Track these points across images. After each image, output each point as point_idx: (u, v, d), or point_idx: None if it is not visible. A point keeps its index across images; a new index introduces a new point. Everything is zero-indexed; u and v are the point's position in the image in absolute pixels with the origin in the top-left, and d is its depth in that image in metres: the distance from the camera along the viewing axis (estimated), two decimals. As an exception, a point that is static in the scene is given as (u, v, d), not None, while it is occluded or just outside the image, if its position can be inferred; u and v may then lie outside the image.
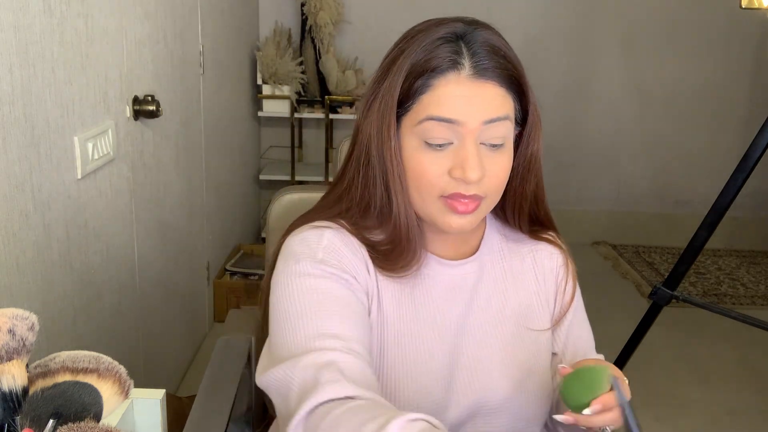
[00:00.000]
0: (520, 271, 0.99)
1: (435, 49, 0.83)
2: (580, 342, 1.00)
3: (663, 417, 2.39)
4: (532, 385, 0.94)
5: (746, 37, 3.74)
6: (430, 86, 0.83)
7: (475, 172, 0.82)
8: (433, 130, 0.83)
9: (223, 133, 2.88)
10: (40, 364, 0.72)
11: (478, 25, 0.87)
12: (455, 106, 0.82)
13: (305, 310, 0.82)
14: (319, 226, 0.90)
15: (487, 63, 0.83)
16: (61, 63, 1.37)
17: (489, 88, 0.83)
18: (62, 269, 1.43)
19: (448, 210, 0.85)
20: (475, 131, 0.82)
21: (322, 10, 3.38)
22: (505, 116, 0.84)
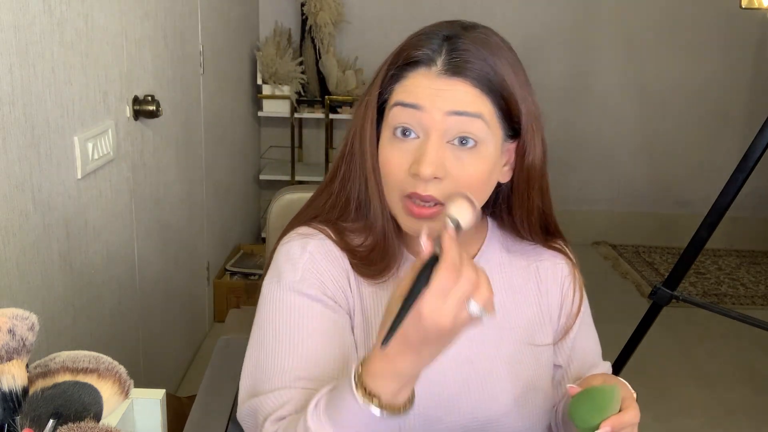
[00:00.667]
0: (520, 285, 0.96)
1: (417, 44, 0.83)
2: (587, 354, 0.98)
3: (663, 417, 2.39)
4: (533, 400, 0.92)
5: (746, 37, 3.74)
6: (402, 77, 0.83)
7: (428, 167, 0.78)
8: (398, 116, 0.82)
9: (223, 133, 2.88)
10: (40, 364, 0.72)
11: (476, 29, 0.85)
12: (421, 94, 0.80)
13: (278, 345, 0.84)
14: (305, 235, 0.90)
15: (461, 63, 0.80)
16: (61, 63, 1.37)
17: (459, 86, 0.80)
18: (62, 269, 1.43)
19: (407, 213, 0.83)
20: (439, 123, 0.79)
21: (322, 10, 3.38)
22: (475, 113, 0.80)
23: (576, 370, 0.97)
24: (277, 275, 0.88)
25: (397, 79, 0.83)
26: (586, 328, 1.00)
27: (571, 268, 0.99)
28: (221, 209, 2.89)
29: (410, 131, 0.81)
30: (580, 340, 0.98)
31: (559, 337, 0.97)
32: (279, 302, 0.86)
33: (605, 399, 0.78)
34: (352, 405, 0.69)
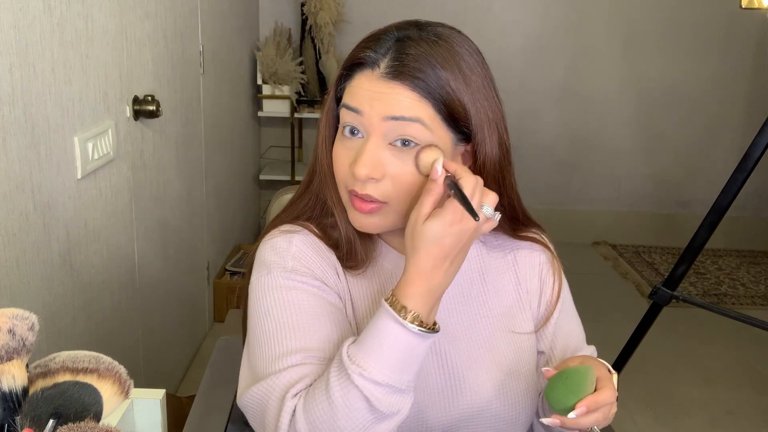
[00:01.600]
0: (498, 274, 0.98)
1: (367, 45, 0.85)
2: (569, 339, 0.99)
3: (663, 417, 2.39)
4: (515, 387, 0.93)
5: (746, 37, 3.74)
6: (350, 77, 0.85)
7: (362, 168, 0.81)
8: (345, 117, 0.85)
9: (223, 133, 2.88)
10: (40, 364, 0.72)
11: (430, 31, 0.85)
12: (361, 98, 0.83)
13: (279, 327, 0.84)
14: (289, 231, 0.91)
15: (401, 68, 0.81)
16: (61, 63, 1.37)
17: (398, 90, 0.81)
18: (62, 269, 1.43)
19: (352, 206, 0.86)
20: (378, 127, 0.81)
21: (322, 10, 3.38)
22: (414, 118, 0.80)
23: (559, 356, 0.98)
24: (266, 268, 0.89)
25: (346, 79, 0.86)
26: (568, 313, 1.01)
27: (549, 254, 1.00)
28: (221, 209, 2.89)
29: (357, 131, 0.84)
30: (562, 326, 0.99)
31: (541, 324, 0.98)
32: (273, 290, 0.87)
33: (579, 380, 0.79)
34: (391, 328, 0.75)
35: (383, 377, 0.74)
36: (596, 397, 0.78)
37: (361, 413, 0.74)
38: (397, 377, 0.75)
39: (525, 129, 3.84)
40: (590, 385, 0.79)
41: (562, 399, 0.78)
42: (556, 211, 3.88)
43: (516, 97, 3.77)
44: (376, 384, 0.74)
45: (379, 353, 0.75)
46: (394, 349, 0.75)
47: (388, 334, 0.75)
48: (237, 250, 3.14)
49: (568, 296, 1.02)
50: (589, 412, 0.77)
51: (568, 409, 0.78)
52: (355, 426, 0.75)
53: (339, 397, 0.74)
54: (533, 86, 3.78)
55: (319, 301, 0.87)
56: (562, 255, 1.04)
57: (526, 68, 3.74)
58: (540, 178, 3.89)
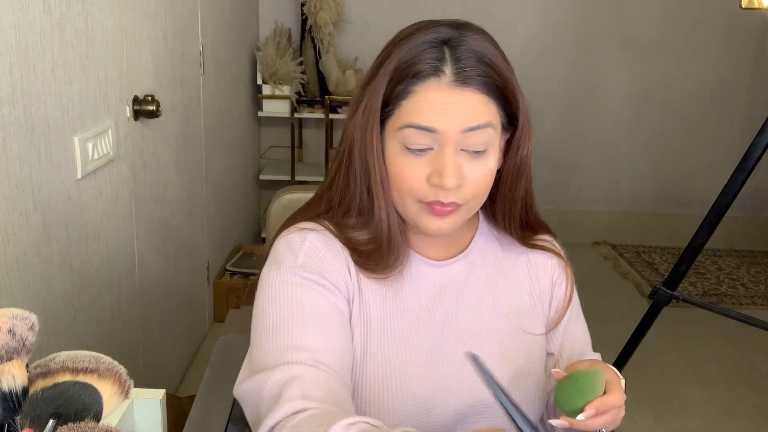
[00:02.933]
0: (512, 271, 0.99)
1: (418, 54, 0.83)
2: (576, 343, 1.00)
3: (663, 417, 2.39)
4: (524, 387, 0.93)
5: (746, 37, 3.74)
6: (410, 92, 0.83)
7: (451, 179, 0.82)
8: (412, 137, 0.83)
9: (223, 133, 2.88)
10: (40, 364, 0.72)
11: (469, 29, 0.86)
12: (434, 115, 0.81)
13: (280, 323, 0.84)
14: (305, 228, 0.92)
15: (469, 71, 0.82)
16: (61, 63, 1.37)
17: (470, 96, 0.82)
18: (62, 269, 1.43)
19: (427, 212, 0.85)
20: (454, 139, 0.82)
21: (322, 10, 3.38)
22: (486, 124, 0.83)
23: (567, 358, 0.98)
24: (277, 263, 0.89)
25: (404, 95, 0.83)
26: (576, 318, 1.02)
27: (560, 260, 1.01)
28: (221, 209, 2.89)
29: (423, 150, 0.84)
30: (571, 329, 1.00)
31: (551, 326, 0.99)
32: (280, 285, 0.87)
33: (589, 382, 0.79)
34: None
35: None
36: (605, 400, 0.78)
37: None
38: None
39: (525, 129, 3.83)
40: (599, 388, 0.79)
41: (571, 401, 0.79)
42: (556, 211, 3.88)
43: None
44: None
45: None
46: None
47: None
48: (237, 250, 3.14)
49: (577, 301, 1.03)
50: (598, 414, 0.78)
51: (577, 410, 0.78)
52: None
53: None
54: (533, 86, 3.78)
55: (324, 302, 0.87)
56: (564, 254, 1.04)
57: (526, 68, 3.73)
58: (540, 178, 3.86)
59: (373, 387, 0.89)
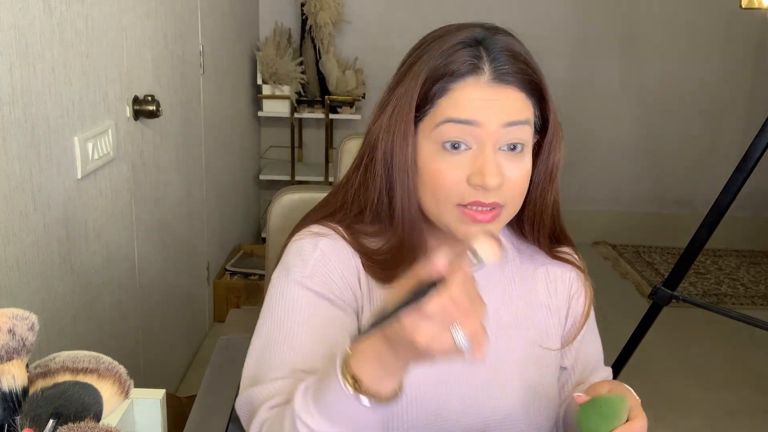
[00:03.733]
0: (530, 283, 0.97)
1: (454, 54, 0.82)
2: (589, 358, 0.98)
3: (663, 417, 2.39)
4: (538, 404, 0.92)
5: (746, 37, 3.74)
6: (448, 90, 0.81)
7: (494, 178, 0.79)
8: (451, 132, 0.81)
9: (223, 133, 2.88)
10: (40, 364, 0.72)
11: (498, 30, 0.86)
12: (474, 108, 0.80)
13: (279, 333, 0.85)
14: (317, 233, 0.90)
15: (508, 68, 0.82)
16: (61, 63, 1.37)
17: (509, 93, 0.81)
18: (62, 269, 1.43)
19: (467, 220, 0.82)
20: (494, 134, 0.80)
21: (322, 10, 3.38)
22: (525, 120, 0.83)
23: (579, 374, 0.97)
24: (286, 269, 0.89)
25: (442, 93, 0.82)
26: (591, 332, 1.01)
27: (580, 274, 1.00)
28: (221, 209, 2.89)
29: (460, 144, 0.81)
30: (586, 344, 0.99)
31: (568, 341, 0.97)
32: (285, 295, 0.87)
33: (614, 409, 0.78)
34: (336, 389, 0.69)
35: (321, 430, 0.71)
36: (630, 427, 0.77)
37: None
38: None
39: (525, 129, 3.84)
40: (623, 414, 0.77)
41: (595, 427, 0.77)
42: (556, 211, 3.88)
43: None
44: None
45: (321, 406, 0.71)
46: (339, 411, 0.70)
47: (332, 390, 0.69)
48: (237, 250, 3.14)
49: (592, 315, 1.01)
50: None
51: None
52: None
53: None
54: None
55: (326, 316, 0.86)
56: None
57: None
58: (540, 178, 3.89)
59: None
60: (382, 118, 0.86)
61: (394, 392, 0.69)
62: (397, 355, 0.66)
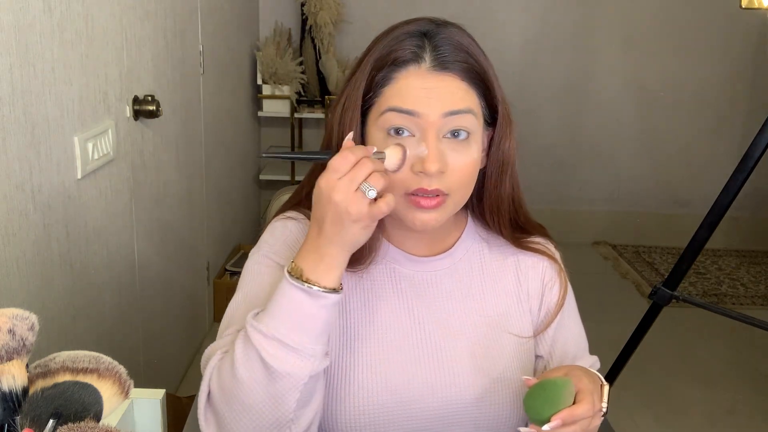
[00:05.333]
0: (499, 273, 0.99)
1: (398, 44, 0.85)
2: (568, 346, 0.99)
3: (663, 417, 2.39)
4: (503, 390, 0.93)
5: (746, 37, 3.74)
6: (391, 79, 0.85)
7: (434, 164, 0.82)
8: (393, 120, 0.84)
9: (223, 133, 2.88)
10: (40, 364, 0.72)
11: (447, 24, 0.88)
12: (415, 98, 0.83)
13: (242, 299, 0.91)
14: (289, 217, 0.96)
15: (449, 57, 0.84)
16: (61, 63, 1.37)
17: (450, 81, 0.84)
18: (62, 269, 1.43)
19: (413, 206, 0.85)
20: (435, 124, 0.83)
21: (322, 10, 3.38)
22: (467, 109, 0.84)
23: (557, 362, 0.98)
24: (258, 247, 0.96)
25: (386, 82, 0.85)
26: (570, 321, 1.01)
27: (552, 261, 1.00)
28: (221, 209, 2.89)
29: (404, 130, 0.84)
30: (563, 333, 0.99)
31: (541, 329, 0.99)
32: (252, 267, 0.93)
33: (557, 391, 0.78)
34: (283, 286, 0.79)
35: (270, 330, 0.78)
36: (573, 411, 0.77)
37: (255, 365, 0.78)
38: (286, 332, 0.78)
39: (525, 129, 3.80)
40: (568, 398, 0.78)
41: (538, 410, 0.78)
42: (556, 211, 3.88)
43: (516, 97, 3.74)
44: (263, 336, 0.78)
45: (271, 309, 0.79)
46: (282, 304, 0.79)
47: (279, 290, 0.79)
48: (237, 250, 3.14)
49: (572, 304, 1.02)
50: (565, 425, 0.76)
51: (544, 420, 0.77)
52: (251, 380, 0.78)
53: (239, 350, 0.79)
54: (533, 86, 3.78)
55: None
56: (563, 255, 1.03)
57: (526, 68, 3.74)
58: (540, 178, 3.89)
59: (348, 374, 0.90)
60: (336, 110, 0.90)
61: (334, 285, 0.79)
62: (329, 239, 0.77)
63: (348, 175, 0.75)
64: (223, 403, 0.80)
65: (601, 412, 0.82)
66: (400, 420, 0.90)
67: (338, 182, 0.75)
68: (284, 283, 0.79)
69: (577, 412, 0.77)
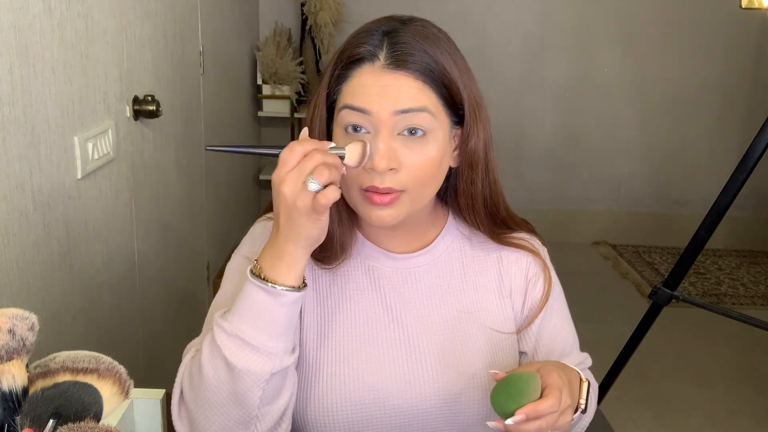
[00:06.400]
0: (480, 269, 0.98)
1: (358, 42, 0.87)
2: (554, 343, 0.98)
3: (663, 417, 2.39)
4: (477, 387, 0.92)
5: (746, 37, 3.74)
6: (348, 76, 0.86)
7: (382, 162, 0.83)
8: (347, 117, 0.86)
9: (223, 133, 2.88)
10: (40, 364, 0.72)
11: (414, 21, 0.89)
12: (367, 96, 0.84)
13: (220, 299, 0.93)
14: (269, 218, 0.97)
15: (402, 56, 0.84)
16: (61, 63, 1.37)
17: (402, 80, 0.84)
18: (62, 269, 1.43)
19: (368, 202, 0.86)
20: (387, 122, 0.83)
21: (322, 10, 3.38)
22: (420, 108, 0.84)
23: (542, 359, 0.97)
24: (239, 248, 0.98)
25: (343, 79, 0.87)
26: (558, 317, 1.00)
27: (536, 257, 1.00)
28: (221, 209, 2.89)
29: (361, 127, 0.85)
30: (548, 329, 0.99)
31: (524, 326, 0.98)
32: (231, 268, 0.96)
33: (521, 386, 0.78)
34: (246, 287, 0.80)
35: (231, 328, 0.80)
36: (536, 406, 0.76)
37: (219, 363, 0.79)
38: (246, 330, 0.79)
39: (525, 129, 3.84)
40: (533, 392, 0.77)
41: (503, 404, 0.78)
42: (556, 211, 3.88)
43: (516, 97, 3.77)
44: (225, 334, 0.80)
45: (235, 307, 0.81)
46: (244, 303, 0.80)
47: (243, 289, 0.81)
48: (237, 250, 3.13)
49: (560, 300, 1.02)
50: (529, 419, 0.76)
51: (508, 414, 0.77)
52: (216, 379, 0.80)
53: (206, 349, 0.81)
54: (533, 86, 3.78)
55: None
56: (562, 255, 1.04)
57: (526, 68, 3.74)
58: (540, 178, 3.89)
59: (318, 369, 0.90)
60: (309, 107, 0.92)
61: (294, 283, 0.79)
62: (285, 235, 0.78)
63: (296, 168, 0.76)
64: (192, 401, 0.82)
65: (572, 408, 0.82)
66: (377, 417, 0.90)
67: (287, 175, 0.76)
68: (247, 283, 0.80)
69: (541, 407, 0.76)
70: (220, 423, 0.81)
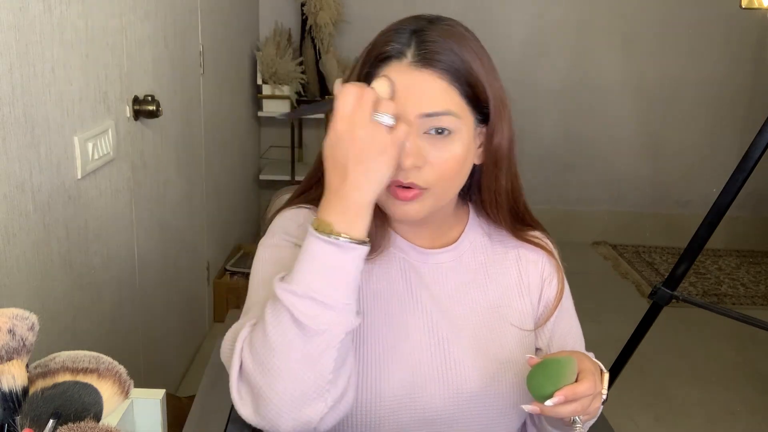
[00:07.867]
0: (502, 265, 1.00)
1: (386, 40, 0.87)
2: (566, 340, 1.00)
3: (663, 417, 2.39)
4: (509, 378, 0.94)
5: (746, 37, 3.74)
6: (375, 75, 0.87)
7: (406, 159, 0.83)
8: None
9: (223, 133, 2.88)
10: (40, 364, 0.72)
11: (440, 20, 0.90)
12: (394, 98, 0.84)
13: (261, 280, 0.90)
14: (300, 206, 0.97)
15: (429, 54, 0.84)
16: (61, 63, 1.37)
17: (428, 78, 0.84)
18: (62, 269, 1.43)
19: (392, 197, 0.87)
20: (412, 123, 0.84)
21: (322, 10, 3.38)
22: (445, 111, 0.85)
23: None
24: (271, 233, 0.96)
25: (370, 78, 0.87)
26: (568, 315, 1.02)
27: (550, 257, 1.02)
28: (221, 209, 2.89)
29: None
30: (562, 327, 1.01)
31: (540, 323, 1.00)
32: (269, 248, 0.93)
33: (559, 369, 0.79)
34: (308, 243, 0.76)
35: (301, 288, 0.75)
36: (574, 388, 0.78)
37: (287, 327, 0.75)
38: (318, 288, 0.75)
39: (525, 129, 3.84)
40: (570, 375, 0.79)
41: (540, 387, 0.79)
42: (556, 211, 3.88)
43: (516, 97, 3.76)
44: (295, 295, 0.75)
45: (299, 268, 0.77)
46: (311, 261, 0.76)
47: (306, 248, 0.77)
48: (237, 250, 3.14)
49: (569, 300, 1.04)
50: (567, 401, 0.78)
51: (546, 396, 0.78)
52: (285, 343, 0.75)
53: (269, 314, 0.76)
54: (533, 86, 3.78)
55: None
56: (563, 255, 1.04)
57: (526, 68, 3.74)
58: (540, 178, 3.89)
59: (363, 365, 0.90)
60: None
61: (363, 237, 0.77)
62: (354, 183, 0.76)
63: (359, 109, 0.76)
64: (258, 374, 0.76)
65: (602, 395, 0.84)
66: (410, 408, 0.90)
67: (354, 117, 0.76)
68: (310, 240, 0.76)
69: (580, 390, 0.78)
70: (291, 393, 0.75)
